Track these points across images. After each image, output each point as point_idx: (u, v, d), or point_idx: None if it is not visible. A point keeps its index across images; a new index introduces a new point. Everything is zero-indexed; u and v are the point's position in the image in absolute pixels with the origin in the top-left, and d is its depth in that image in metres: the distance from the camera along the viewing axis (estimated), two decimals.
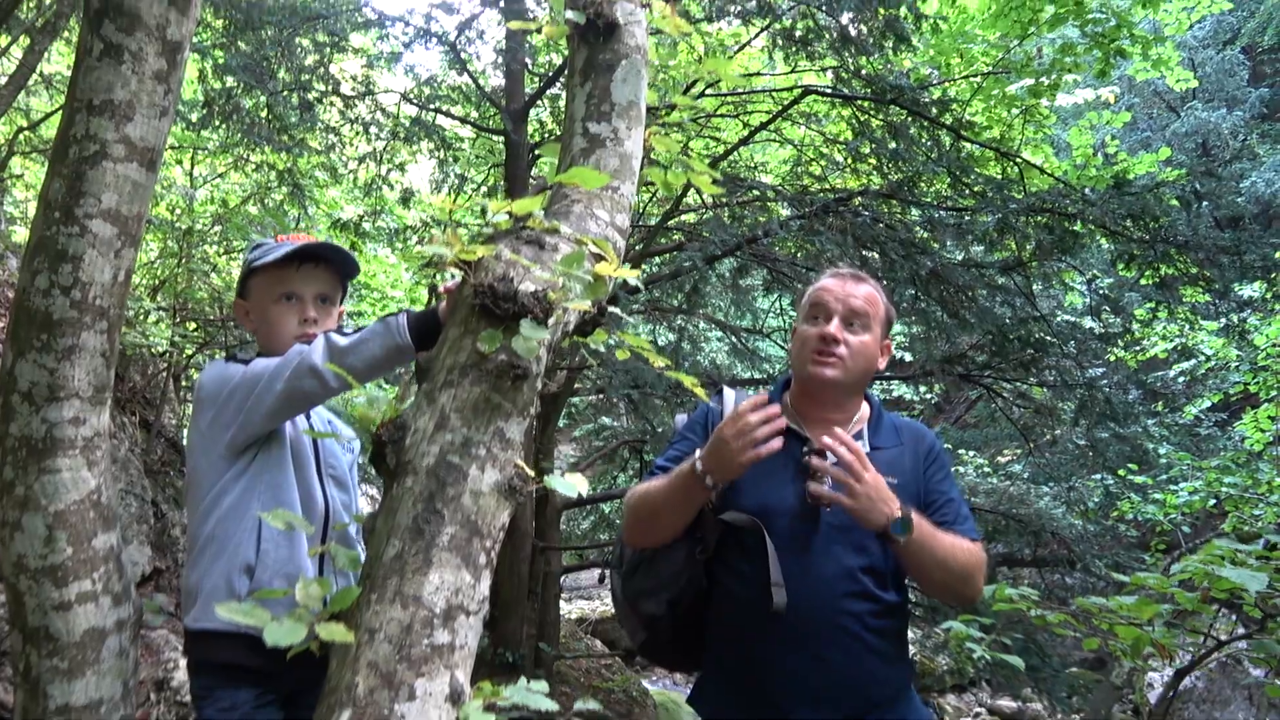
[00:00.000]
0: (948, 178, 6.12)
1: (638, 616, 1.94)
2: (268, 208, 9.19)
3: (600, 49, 1.54)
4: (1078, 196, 5.53)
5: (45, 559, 1.42)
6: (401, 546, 1.00)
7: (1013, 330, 6.02)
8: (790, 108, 6.32)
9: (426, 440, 1.07)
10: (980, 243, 5.67)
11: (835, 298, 1.87)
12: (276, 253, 1.76)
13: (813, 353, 1.84)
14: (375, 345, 1.52)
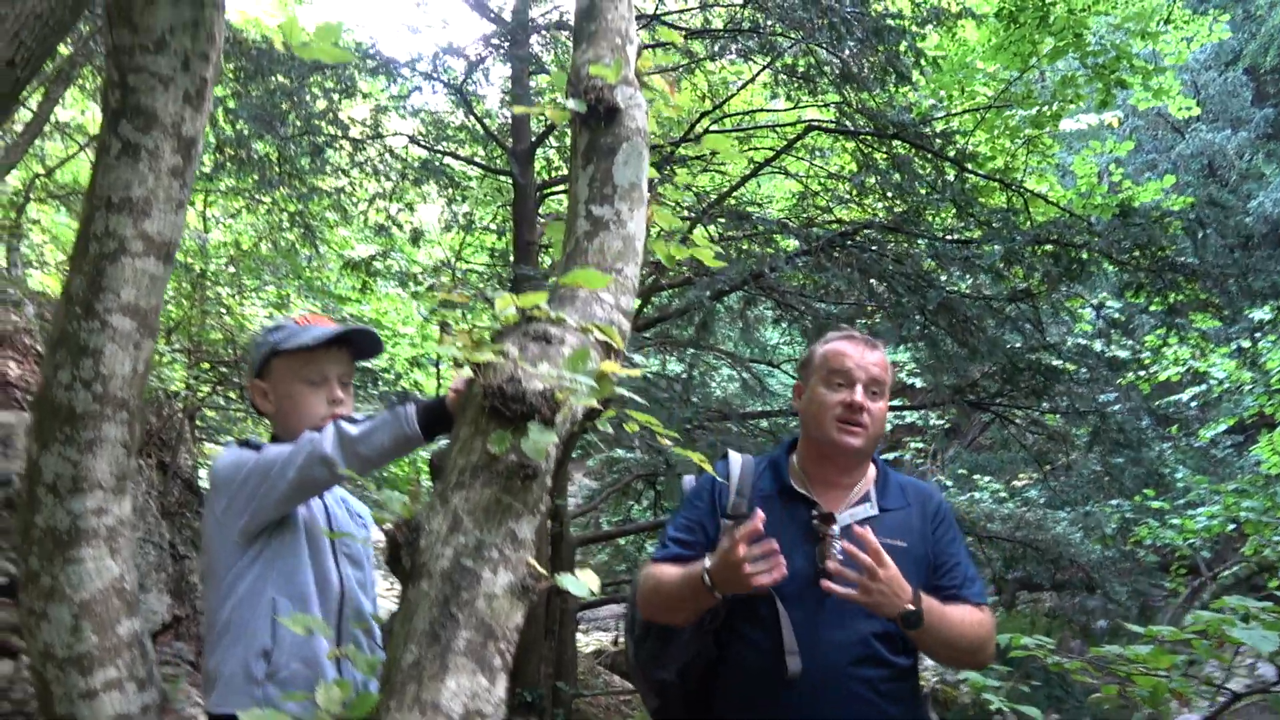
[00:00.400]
0: (953, 209, 6.15)
1: (649, 683, 1.96)
2: (280, 249, 9.30)
3: (602, 133, 1.58)
4: (1083, 226, 5.55)
5: (71, 648, 1.45)
6: (419, 653, 1.03)
7: (1023, 358, 6.03)
8: (795, 143, 6.38)
9: (440, 542, 1.09)
10: (987, 274, 5.69)
11: (857, 364, 1.88)
12: (306, 337, 1.76)
13: (837, 420, 1.86)
14: (384, 435, 1.55)
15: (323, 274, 9.91)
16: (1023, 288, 5.88)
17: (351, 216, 8.18)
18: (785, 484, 1.93)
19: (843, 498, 1.91)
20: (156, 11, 1.42)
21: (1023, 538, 7.30)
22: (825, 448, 1.90)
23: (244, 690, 1.60)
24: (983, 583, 1.91)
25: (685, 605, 1.79)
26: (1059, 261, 5.53)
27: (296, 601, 1.64)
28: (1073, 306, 6.46)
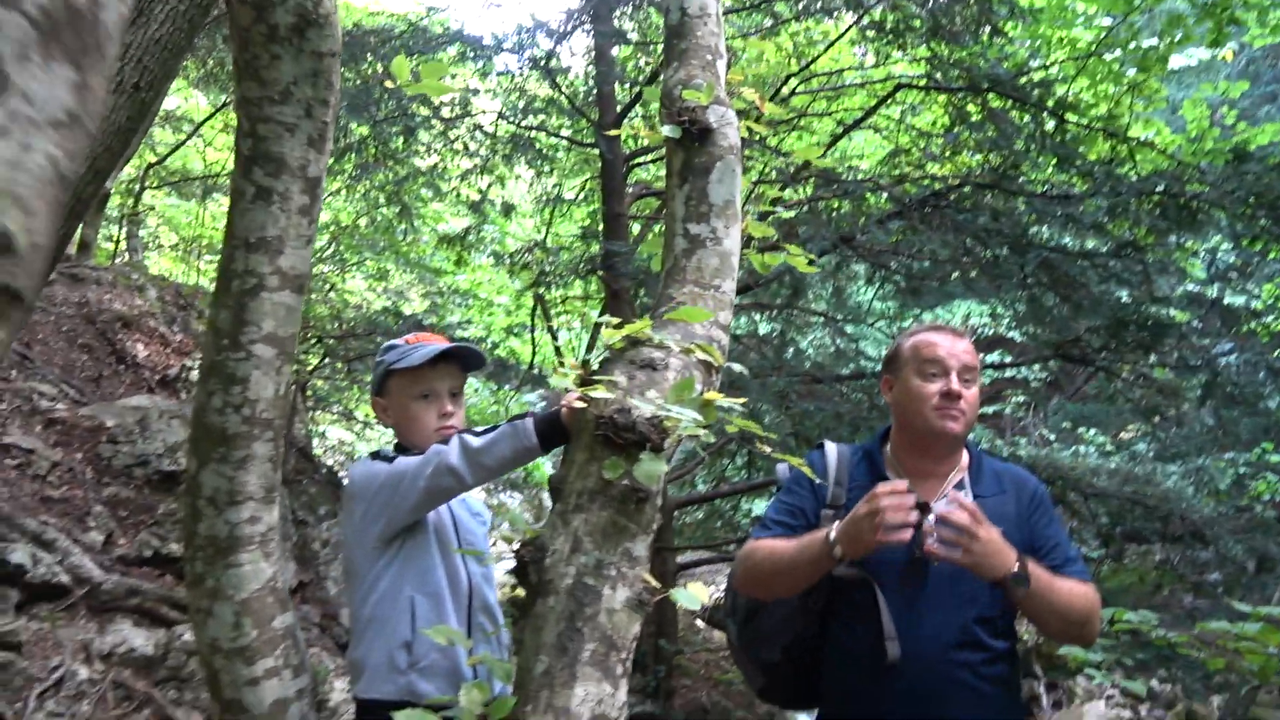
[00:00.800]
0: (1053, 161, 5.95)
1: (754, 663, 2.05)
2: (378, 226, 9.63)
3: (696, 153, 1.64)
4: (1193, 174, 5.31)
5: (235, 641, 1.63)
6: (549, 663, 1.14)
7: (1129, 313, 5.83)
8: (883, 103, 6.25)
9: (564, 562, 1.20)
10: (1091, 230, 5.51)
11: (949, 353, 1.92)
12: (415, 356, 1.91)
13: (935, 409, 1.89)
14: (505, 447, 1.67)
15: (419, 248, 10.22)
16: (1128, 239, 5.68)
17: (444, 192, 8.40)
18: (881, 474, 1.98)
19: (937, 487, 1.95)
20: (281, 66, 1.54)
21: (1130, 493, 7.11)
22: (923, 437, 1.94)
23: (388, 678, 1.77)
24: (1084, 563, 1.94)
25: (798, 572, 1.83)
26: (1166, 213, 5.31)
27: (431, 598, 1.80)
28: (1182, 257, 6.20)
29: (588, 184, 8.04)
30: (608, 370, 1.34)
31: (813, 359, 8.20)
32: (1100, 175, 5.40)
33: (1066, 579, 1.84)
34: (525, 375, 8.01)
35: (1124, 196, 5.11)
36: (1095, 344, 6.28)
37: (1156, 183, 5.23)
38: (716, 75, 1.75)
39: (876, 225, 5.74)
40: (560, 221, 8.76)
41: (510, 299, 10.18)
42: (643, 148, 6.68)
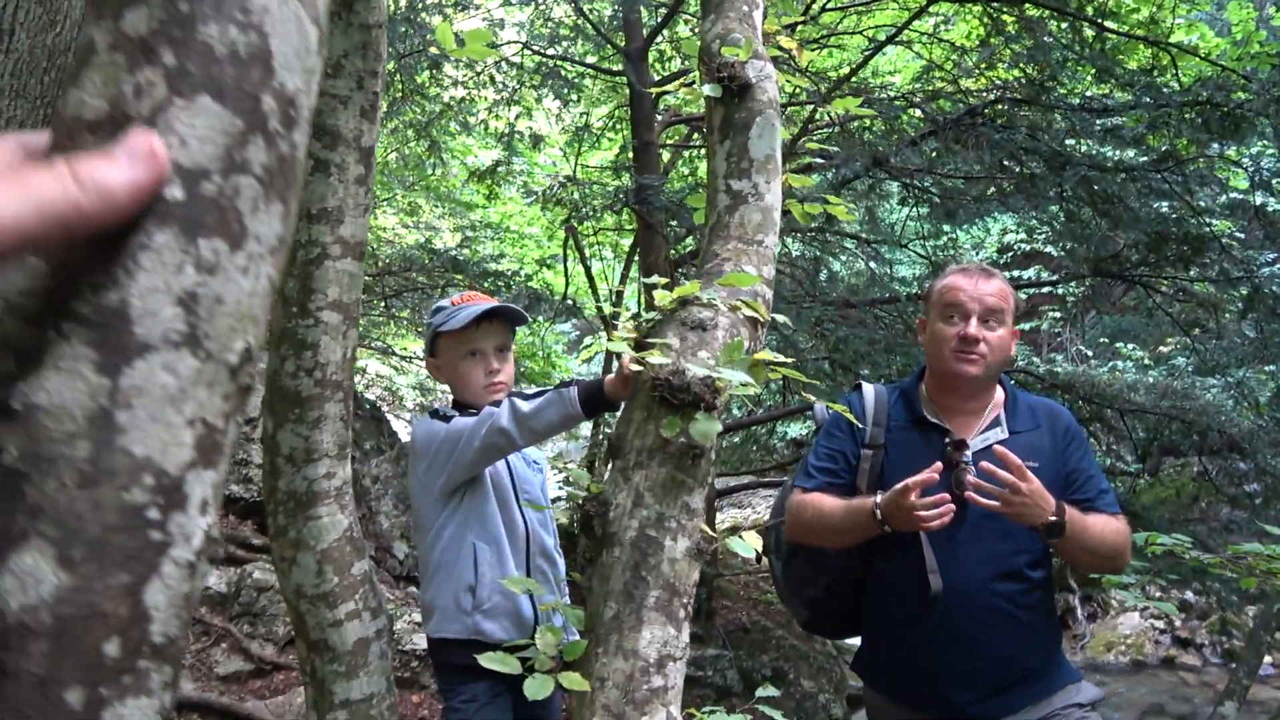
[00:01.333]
0: (1091, 72, 5.81)
1: (799, 598, 2.15)
2: (408, 161, 9.64)
3: (736, 108, 1.67)
4: (1238, 82, 5.16)
5: (318, 587, 1.75)
6: (617, 609, 1.24)
7: (1169, 227, 5.75)
8: (917, 16, 6.10)
9: (627, 515, 1.29)
10: (1130, 145, 5.40)
11: (970, 297, 1.96)
12: (459, 318, 2.01)
13: (953, 352, 1.95)
14: (552, 413, 1.79)
15: (448, 182, 10.24)
16: (1166, 149, 5.56)
17: (472, 126, 8.37)
18: (918, 413, 2.04)
19: (973, 423, 2.02)
20: (333, 41, 1.58)
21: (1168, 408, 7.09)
22: (947, 379, 2.00)
23: (456, 619, 1.91)
24: (1114, 493, 2.01)
25: (851, 535, 1.94)
26: (1209, 123, 5.18)
27: (492, 544, 1.93)
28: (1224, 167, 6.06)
29: (616, 112, 7.96)
30: (660, 332, 1.40)
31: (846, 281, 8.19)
32: (1141, 86, 5.27)
33: (1098, 515, 1.91)
34: (559, 306, 8.09)
35: (1165, 109, 4.99)
36: (1134, 259, 6.22)
37: (1199, 92, 5.09)
38: (753, 26, 1.76)
39: (909, 146, 5.67)
40: (588, 152, 8.71)
41: (542, 230, 10.19)
42: (672, 74, 6.59)
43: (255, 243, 0.36)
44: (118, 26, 0.34)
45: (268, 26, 0.35)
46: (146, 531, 0.33)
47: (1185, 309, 7.00)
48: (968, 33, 6.96)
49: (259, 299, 0.37)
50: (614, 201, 5.54)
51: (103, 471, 0.32)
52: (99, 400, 0.32)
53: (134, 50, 0.34)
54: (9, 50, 2.84)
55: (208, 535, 0.35)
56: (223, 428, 0.36)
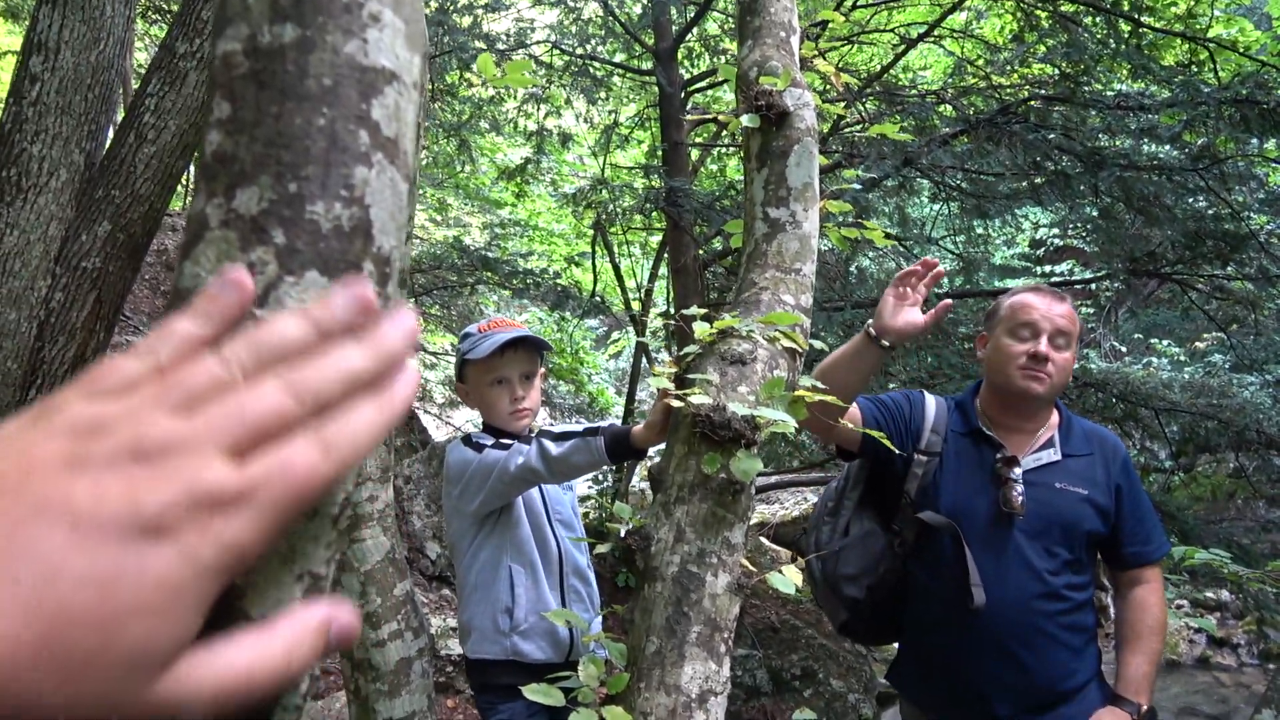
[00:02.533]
0: (1127, 69, 5.73)
1: (838, 599, 2.16)
2: (438, 160, 9.70)
3: (774, 136, 1.68)
4: (1278, 79, 5.07)
5: (362, 608, 1.79)
6: (660, 644, 1.26)
7: (1206, 225, 5.67)
8: (951, 12, 6.05)
9: (668, 550, 1.31)
10: (1166, 142, 5.33)
11: (1043, 316, 1.96)
12: (484, 347, 2.03)
13: (1021, 369, 1.95)
14: (580, 458, 1.84)
15: (477, 179, 10.30)
16: (1201, 144, 5.47)
17: (501, 125, 8.41)
18: (974, 425, 2.05)
19: (1027, 442, 2.02)
20: None
21: (1204, 406, 7.00)
22: (1008, 395, 2.00)
23: (494, 640, 1.95)
24: (1161, 529, 2.00)
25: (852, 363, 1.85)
26: (1248, 121, 5.10)
27: (527, 567, 1.98)
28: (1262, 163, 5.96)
29: (645, 112, 7.96)
30: (700, 366, 1.42)
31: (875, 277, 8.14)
32: (1178, 84, 5.19)
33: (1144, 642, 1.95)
34: (587, 303, 8.12)
35: (1203, 106, 4.91)
36: (1170, 256, 6.13)
37: (1238, 88, 5.01)
38: (791, 53, 1.77)
39: (941, 146, 5.62)
40: (616, 151, 8.72)
41: (570, 228, 10.23)
42: (701, 73, 6.58)
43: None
44: (229, 205, 0.36)
45: (369, 199, 0.37)
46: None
47: (1222, 306, 6.90)
48: (1000, 28, 6.89)
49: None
50: (643, 203, 5.54)
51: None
52: None
53: (246, 229, 0.36)
54: (55, 68, 2.91)
55: (313, 678, 0.37)
56: (325, 574, 0.38)
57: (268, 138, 0.36)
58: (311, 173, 0.36)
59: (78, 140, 2.96)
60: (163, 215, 3.15)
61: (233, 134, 0.36)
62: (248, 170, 0.36)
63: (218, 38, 0.38)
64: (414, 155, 0.42)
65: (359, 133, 0.37)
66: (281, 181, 0.35)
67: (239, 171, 0.36)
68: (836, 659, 6.16)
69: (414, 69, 0.40)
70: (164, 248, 7.81)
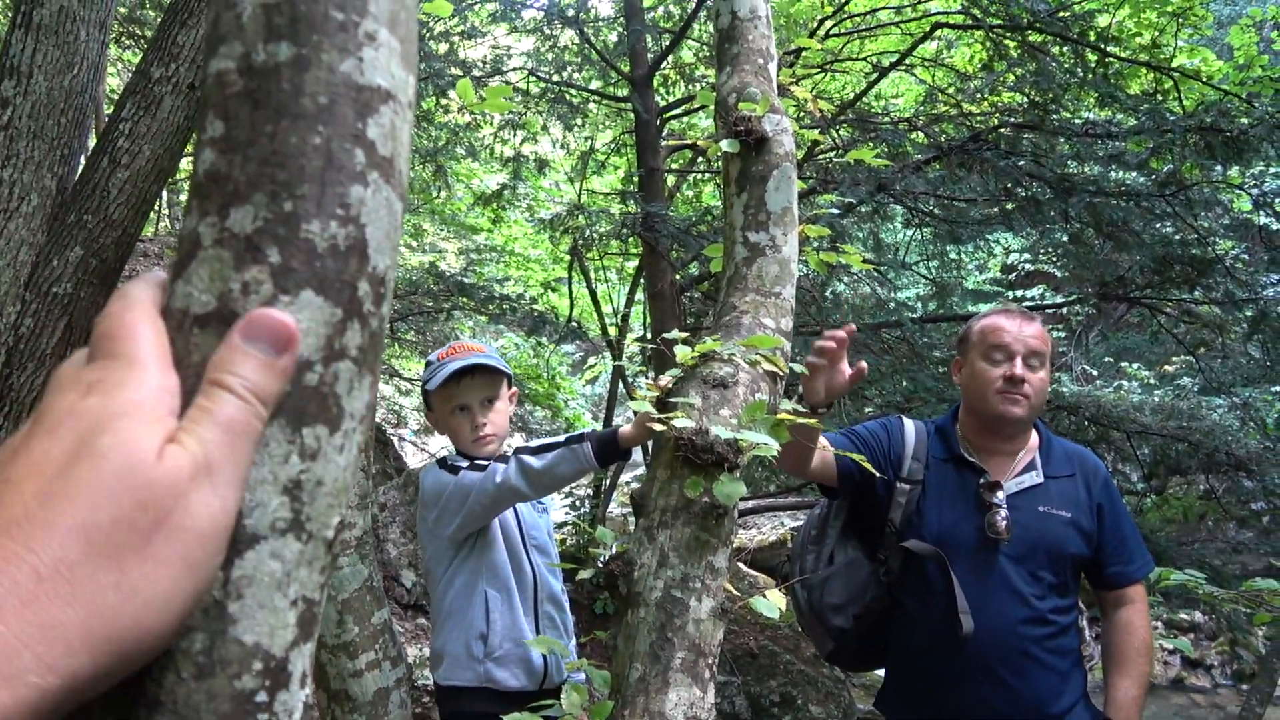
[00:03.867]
0: (1094, 97, 5.85)
1: (825, 629, 2.15)
2: (412, 184, 9.69)
3: (753, 161, 1.69)
4: (1240, 108, 5.19)
5: (339, 637, 1.76)
6: (643, 670, 1.25)
7: (1174, 251, 5.78)
8: (922, 42, 6.15)
9: (652, 575, 1.30)
10: (1134, 168, 5.43)
11: (1015, 338, 1.97)
12: (439, 376, 2.04)
13: (999, 393, 1.96)
14: (565, 468, 1.82)
15: (453, 204, 10.29)
16: (1167, 170, 5.58)
17: (478, 151, 8.43)
18: (955, 451, 2.05)
19: (1008, 464, 2.03)
20: None
21: (1174, 429, 7.08)
22: (988, 418, 2.01)
23: (468, 666, 1.92)
24: (1144, 549, 2.01)
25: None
26: (1212, 149, 5.21)
27: (502, 592, 1.96)
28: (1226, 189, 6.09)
29: (621, 138, 8.02)
30: (682, 390, 1.42)
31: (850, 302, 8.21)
32: (1144, 112, 5.30)
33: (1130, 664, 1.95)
34: (564, 328, 8.11)
35: (1169, 135, 5.02)
36: (1139, 280, 6.24)
37: (1202, 116, 5.12)
38: (769, 79, 1.79)
39: (914, 172, 5.70)
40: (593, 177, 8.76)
41: (547, 254, 10.25)
42: (677, 100, 6.64)
43: (350, 420, 0.38)
44: (223, 224, 0.35)
45: (364, 218, 0.37)
46: (255, 715, 0.34)
47: (1190, 330, 7.01)
48: (970, 57, 7.01)
49: (351, 470, 0.38)
50: (620, 229, 5.57)
51: (217, 662, 0.33)
52: (213, 593, 0.33)
53: (240, 248, 0.35)
54: (27, 92, 2.88)
55: (306, 705, 0.37)
56: (319, 599, 0.37)
57: (262, 156, 0.35)
58: (307, 191, 0.35)
59: (50, 165, 2.93)
60: (136, 240, 3.11)
61: (226, 152, 0.36)
62: (242, 189, 0.35)
63: (211, 56, 0.38)
64: (407, 173, 0.42)
65: (355, 151, 0.37)
66: (276, 200, 0.35)
67: (233, 190, 0.36)
68: (815, 685, 6.14)
69: (409, 88, 0.40)
70: (136, 272, 7.73)
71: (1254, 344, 6.75)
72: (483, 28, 7.18)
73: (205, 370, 0.35)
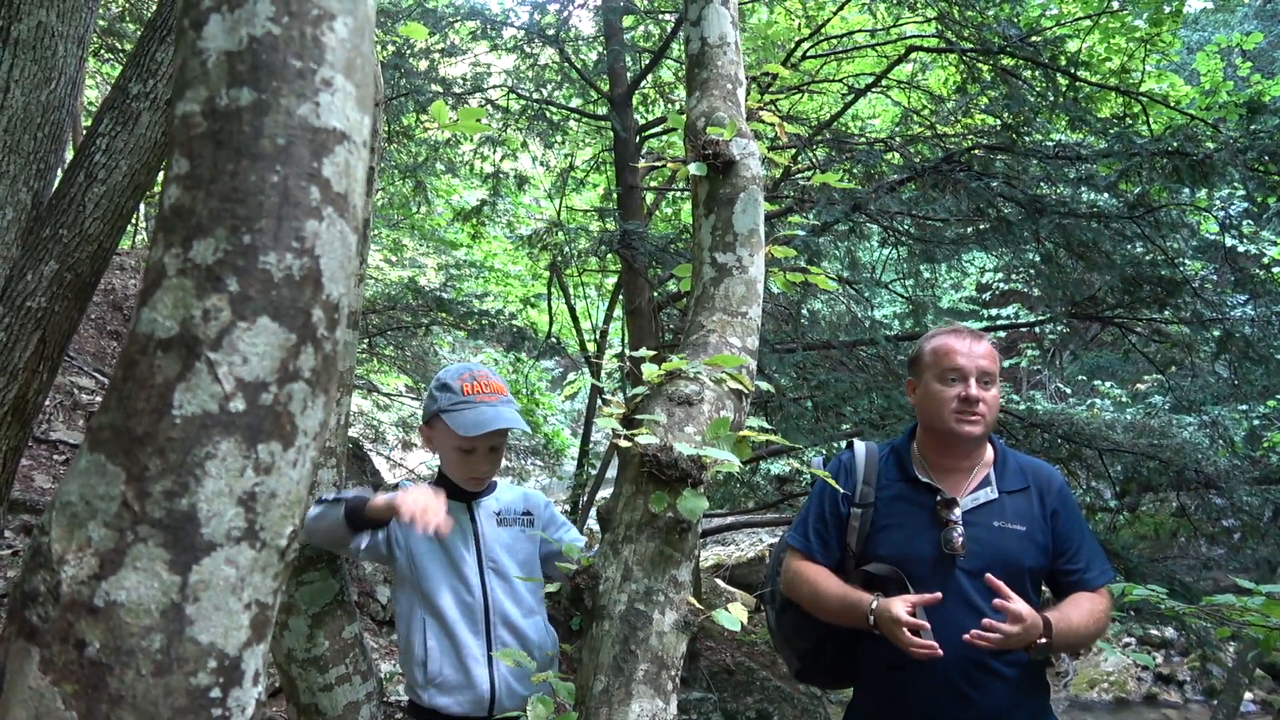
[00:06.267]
0: (1065, 120, 5.96)
1: (792, 648, 2.18)
2: (393, 200, 9.71)
3: (720, 184, 1.73)
4: (1207, 133, 5.31)
5: (309, 651, 1.77)
6: (607, 682, 1.28)
7: (1143, 271, 5.89)
8: (896, 65, 6.25)
9: (616, 589, 1.33)
10: (1103, 190, 5.53)
11: (968, 359, 2.01)
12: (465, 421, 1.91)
13: (955, 413, 2.00)
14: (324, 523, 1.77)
15: (433, 220, 10.31)
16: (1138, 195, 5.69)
17: (458, 167, 8.46)
18: (910, 473, 2.09)
19: (963, 481, 2.07)
20: None
21: (1146, 446, 7.18)
22: (946, 439, 2.05)
23: (416, 693, 1.87)
24: (1103, 559, 2.05)
25: (841, 620, 2.00)
26: (1179, 172, 5.32)
27: (437, 618, 1.88)
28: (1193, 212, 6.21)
29: (600, 156, 8.08)
30: (648, 407, 1.45)
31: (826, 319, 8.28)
32: (1113, 136, 5.41)
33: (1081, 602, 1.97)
34: (543, 345, 8.13)
35: (1137, 159, 5.12)
36: (1110, 300, 6.34)
37: (1170, 140, 5.23)
38: (737, 104, 1.83)
39: (888, 192, 5.78)
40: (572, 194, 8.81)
41: (526, 270, 10.27)
42: (656, 119, 6.70)
43: (303, 437, 0.41)
44: (186, 255, 0.38)
45: (319, 250, 0.40)
46: (210, 710, 0.37)
47: (1160, 349, 7.12)
48: (945, 80, 7.13)
49: (304, 483, 0.41)
50: (598, 246, 5.61)
51: (174, 660, 0.36)
52: (171, 596, 0.36)
53: (201, 278, 0.38)
54: (4, 106, 2.89)
55: (258, 702, 0.39)
56: (272, 604, 0.40)
57: (223, 193, 0.38)
58: (265, 225, 0.38)
59: (25, 179, 2.93)
60: (111, 255, 3.11)
61: (190, 189, 0.39)
62: (204, 223, 0.38)
63: (178, 99, 0.41)
64: (363, 208, 0.45)
65: (310, 189, 0.40)
66: (236, 234, 0.38)
67: (195, 224, 0.38)
68: (791, 701, 6.15)
69: (364, 129, 0.43)
70: (111, 287, 7.69)
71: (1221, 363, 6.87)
72: (463, 45, 7.22)
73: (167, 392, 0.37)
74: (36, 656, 0.34)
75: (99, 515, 0.36)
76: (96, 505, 0.36)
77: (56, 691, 0.34)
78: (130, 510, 0.36)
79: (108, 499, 0.36)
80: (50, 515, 0.37)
